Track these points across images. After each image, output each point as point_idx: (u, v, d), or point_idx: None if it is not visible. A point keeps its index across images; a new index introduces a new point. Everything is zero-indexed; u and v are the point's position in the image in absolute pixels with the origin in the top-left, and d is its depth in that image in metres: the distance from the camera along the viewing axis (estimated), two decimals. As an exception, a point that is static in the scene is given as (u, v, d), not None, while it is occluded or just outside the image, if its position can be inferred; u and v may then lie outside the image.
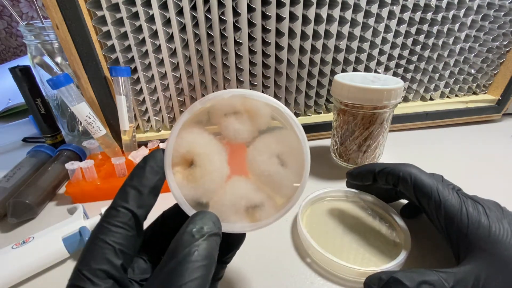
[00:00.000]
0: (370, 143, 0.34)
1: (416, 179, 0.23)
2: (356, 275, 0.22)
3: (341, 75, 0.35)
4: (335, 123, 0.36)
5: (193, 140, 0.17)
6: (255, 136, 0.18)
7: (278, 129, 0.18)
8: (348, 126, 0.34)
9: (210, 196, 0.17)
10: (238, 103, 0.17)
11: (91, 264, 0.14)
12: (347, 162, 0.37)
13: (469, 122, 0.49)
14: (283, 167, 0.18)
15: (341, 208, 0.30)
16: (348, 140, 0.35)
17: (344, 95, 0.32)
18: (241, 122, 0.17)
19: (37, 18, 0.88)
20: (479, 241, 0.20)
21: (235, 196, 0.17)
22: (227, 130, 0.17)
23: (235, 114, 0.17)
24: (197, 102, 0.16)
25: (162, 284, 0.13)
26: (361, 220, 0.28)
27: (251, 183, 0.18)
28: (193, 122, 0.17)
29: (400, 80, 0.32)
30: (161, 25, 0.33)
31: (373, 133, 0.33)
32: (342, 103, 0.33)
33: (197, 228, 0.14)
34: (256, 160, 0.18)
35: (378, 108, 0.31)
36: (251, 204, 0.17)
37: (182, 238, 0.14)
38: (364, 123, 0.33)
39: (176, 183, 0.17)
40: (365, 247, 0.25)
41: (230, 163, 0.18)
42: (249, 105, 0.17)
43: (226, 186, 0.17)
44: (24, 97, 0.39)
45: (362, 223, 0.28)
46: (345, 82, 0.31)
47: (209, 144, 0.17)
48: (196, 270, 0.13)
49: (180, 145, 0.17)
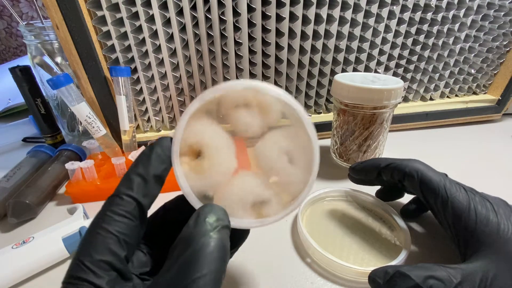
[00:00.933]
0: (370, 143, 0.34)
1: (423, 175, 0.23)
2: (356, 275, 0.22)
3: (341, 75, 0.35)
4: (335, 123, 0.36)
5: (202, 130, 0.16)
6: (264, 132, 0.17)
7: (288, 125, 0.18)
8: (348, 126, 0.34)
9: (216, 189, 0.17)
10: (250, 95, 0.16)
11: (94, 254, 0.13)
12: (347, 162, 0.37)
13: (469, 122, 0.49)
14: (291, 164, 0.17)
15: (341, 208, 0.30)
16: (348, 140, 0.35)
17: (344, 95, 0.32)
18: (252, 115, 0.17)
19: (37, 18, 0.88)
20: (488, 238, 0.19)
21: (242, 190, 0.17)
22: (238, 123, 0.17)
23: (246, 106, 0.17)
24: (208, 91, 0.16)
25: (178, 274, 0.12)
26: (361, 220, 0.28)
27: (259, 178, 0.17)
28: (203, 111, 0.16)
29: (400, 80, 0.32)
30: (161, 25, 0.33)
31: (373, 133, 0.33)
32: (342, 103, 0.33)
33: (212, 219, 0.14)
34: (265, 155, 0.17)
35: (378, 108, 0.31)
36: (258, 200, 0.17)
37: (198, 227, 0.13)
38: (364, 123, 0.33)
39: (183, 173, 0.16)
40: (365, 247, 0.25)
41: (238, 157, 0.17)
42: (262, 99, 0.17)
43: (234, 180, 0.17)
44: (24, 97, 0.39)
45: (362, 223, 0.28)
46: (345, 82, 0.31)
47: (218, 136, 0.17)
48: (213, 261, 0.13)
49: (189, 134, 0.16)
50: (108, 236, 0.13)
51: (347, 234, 0.26)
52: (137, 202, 0.14)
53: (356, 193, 0.30)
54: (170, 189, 0.27)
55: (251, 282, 0.23)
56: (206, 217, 0.14)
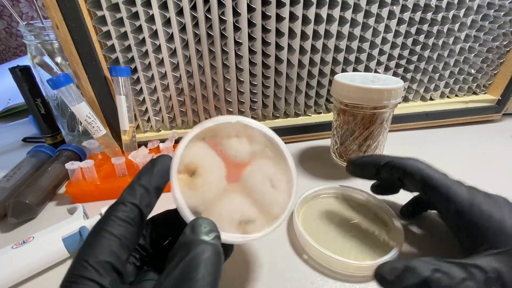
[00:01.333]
0: (370, 143, 0.34)
1: (424, 173, 0.23)
2: (354, 269, 0.23)
3: (341, 75, 0.35)
4: (335, 123, 0.36)
5: (198, 152, 0.19)
6: (251, 158, 0.21)
7: (272, 156, 0.21)
8: (348, 126, 0.34)
9: (207, 205, 0.18)
10: (241, 128, 0.20)
11: (99, 255, 0.14)
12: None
13: (469, 122, 0.49)
14: (274, 188, 0.20)
15: (336, 205, 0.30)
16: (348, 140, 0.35)
17: (344, 95, 0.32)
18: (241, 144, 0.20)
19: (37, 18, 0.88)
20: (491, 234, 0.19)
21: (230, 208, 0.18)
22: (229, 149, 0.20)
23: (236, 137, 0.20)
24: (208, 121, 0.19)
25: (181, 276, 0.13)
26: (355, 217, 0.28)
27: (245, 199, 0.19)
28: (200, 137, 0.19)
29: (400, 80, 0.32)
30: (161, 25, 0.33)
31: (373, 133, 0.33)
32: (342, 103, 0.33)
33: (207, 228, 0.15)
34: (251, 179, 0.20)
35: (378, 108, 0.31)
36: (244, 218, 0.18)
37: (195, 236, 0.15)
38: (364, 123, 0.33)
39: (179, 188, 0.17)
40: (358, 243, 0.25)
41: (228, 179, 0.20)
42: (250, 132, 0.20)
43: (223, 198, 0.19)
44: (24, 97, 0.39)
45: (357, 220, 0.28)
46: (345, 82, 0.31)
47: (211, 158, 0.19)
48: (212, 264, 0.14)
49: (187, 155, 0.18)
50: (112, 238, 0.14)
51: (341, 231, 0.27)
52: (139, 209, 0.16)
53: (350, 190, 0.31)
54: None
55: (248, 281, 0.23)
56: (201, 227, 0.15)
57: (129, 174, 0.33)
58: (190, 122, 0.42)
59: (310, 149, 0.42)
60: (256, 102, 0.42)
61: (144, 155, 0.33)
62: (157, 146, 0.37)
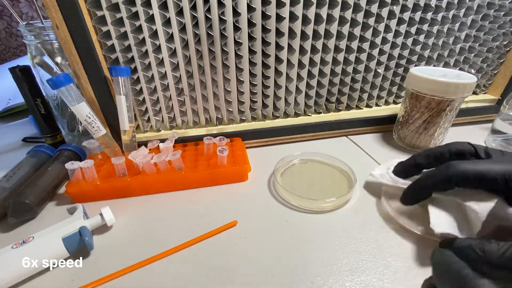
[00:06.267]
0: (433, 128, 0.39)
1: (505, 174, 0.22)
2: (317, 207, 0.31)
3: (417, 68, 0.40)
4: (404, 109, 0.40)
5: None
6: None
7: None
8: (417, 111, 0.39)
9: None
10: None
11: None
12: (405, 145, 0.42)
13: (469, 122, 0.49)
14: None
15: (307, 166, 0.38)
16: (411, 120, 0.40)
17: (420, 86, 0.37)
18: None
19: (37, 18, 0.88)
20: None
21: None
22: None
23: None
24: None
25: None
26: (323, 173, 0.37)
27: None
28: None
29: (473, 76, 0.36)
30: (161, 25, 0.33)
31: (435, 120, 0.38)
32: (415, 91, 0.37)
33: None
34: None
35: (447, 101, 0.36)
36: None
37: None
38: (430, 109, 0.37)
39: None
40: (323, 188, 0.34)
41: None
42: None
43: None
44: (24, 97, 0.39)
45: (324, 176, 0.36)
46: (425, 77, 0.36)
47: None
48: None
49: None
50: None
51: (311, 183, 0.35)
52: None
53: (321, 156, 0.39)
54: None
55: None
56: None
57: (129, 174, 0.33)
58: (190, 122, 0.42)
59: (310, 149, 0.42)
60: (256, 102, 0.42)
61: (144, 155, 0.33)
62: (157, 146, 0.37)
